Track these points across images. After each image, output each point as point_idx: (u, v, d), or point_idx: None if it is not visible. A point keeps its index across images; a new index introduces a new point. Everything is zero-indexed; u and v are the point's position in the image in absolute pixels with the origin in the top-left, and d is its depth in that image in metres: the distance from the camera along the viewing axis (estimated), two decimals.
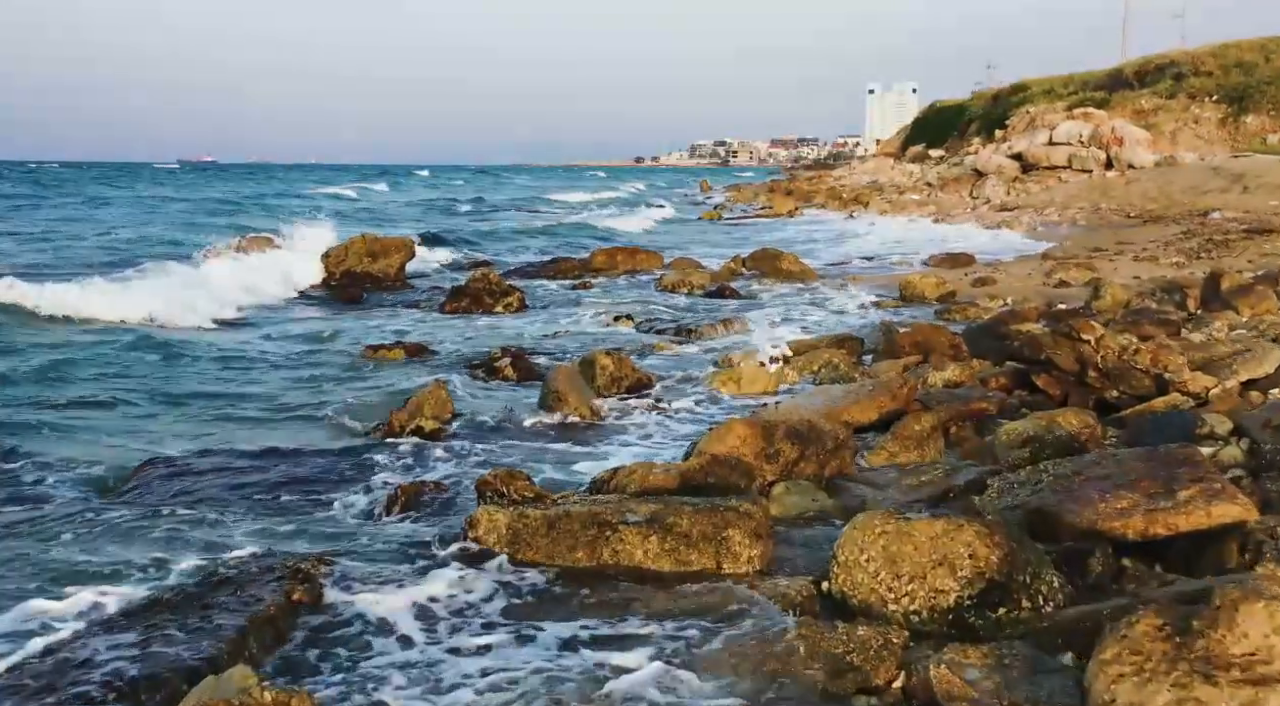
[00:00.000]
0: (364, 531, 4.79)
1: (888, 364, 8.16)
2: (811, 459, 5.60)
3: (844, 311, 12.31)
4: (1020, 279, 14.52)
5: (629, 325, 11.06)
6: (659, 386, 8.19)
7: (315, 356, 9.75)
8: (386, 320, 12.51)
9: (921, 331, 8.33)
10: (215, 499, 5.28)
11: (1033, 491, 4.85)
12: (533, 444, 6.48)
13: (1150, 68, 37.85)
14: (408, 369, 9.27)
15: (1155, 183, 28.36)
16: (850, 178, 51.74)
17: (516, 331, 11.34)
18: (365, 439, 6.62)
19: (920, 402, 6.80)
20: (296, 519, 4.97)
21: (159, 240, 22.03)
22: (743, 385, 7.88)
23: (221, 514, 4.99)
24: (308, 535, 4.75)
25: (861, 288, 14.53)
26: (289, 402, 7.67)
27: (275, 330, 11.22)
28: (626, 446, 6.48)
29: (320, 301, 14.26)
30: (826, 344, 9.14)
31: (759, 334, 10.62)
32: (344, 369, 9.26)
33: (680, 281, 14.30)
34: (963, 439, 6.58)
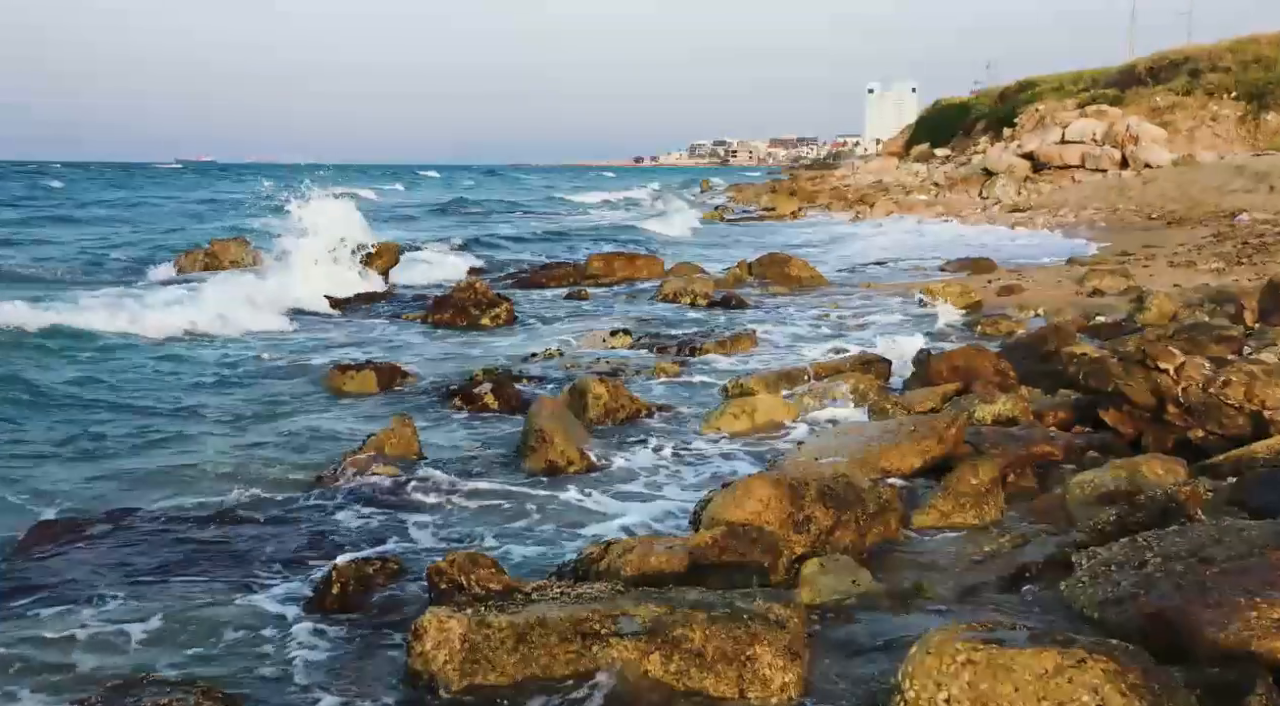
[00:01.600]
0: (277, 646, 3.70)
1: (923, 393, 7.09)
2: (849, 525, 4.54)
3: (867, 323, 11.23)
4: (1050, 287, 13.45)
5: (626, 342, 9.99)
6: (660, 418, 7.13)
7: (271, 378, 8.68)
8: (362, 332, 11.45)
9: (962, 354, 7.26)
10: (94, 586, 4.21)
11: (1141, 581, 3.78)
12: (509, 499, 5.41)
13: (1164, 64, 36.73)
14: (375, 396, 8.22)
15: (1174, 182, 27.26)
16: (854, 177, 50.64)
17: (502, 349, 10.28)
18: (309, 490, 5.54)
19: (970, 445, 5.74)
20: (190, 621, 3.89)
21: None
22: (758, 417, 6.82)
23: (98, 609, 3.93)
24: (199, 650, 3.67)
25: (881, 295, 13.46)
26: (226, 439, 6.59)
27: (233, 345, 10.11)
28: (623, 501, 5.41)
29: (293, 311, 13.17)
30: (851, 366, 8.08)
31: (771, 352, 9.55)
32: (302, 394, 8.20)
33: (682, 290, 13.24)
34: (1022, 488, 5.53)
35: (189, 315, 10.56)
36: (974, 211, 31.12)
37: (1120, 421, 6.04)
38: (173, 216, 31.95)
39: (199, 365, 8.67)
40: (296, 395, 8.17)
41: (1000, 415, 6.34)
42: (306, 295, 13.16)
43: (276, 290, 12.83)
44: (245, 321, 10.85)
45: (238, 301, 11.41)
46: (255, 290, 12.18)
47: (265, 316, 11.64)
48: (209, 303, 11.23)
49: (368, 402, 8.03)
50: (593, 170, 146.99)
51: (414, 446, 6.23)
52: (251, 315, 11.32)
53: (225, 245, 17.00)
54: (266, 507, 5.30)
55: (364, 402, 8.03)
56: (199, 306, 10.99)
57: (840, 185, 46.98)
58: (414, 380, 8.71)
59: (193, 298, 12.05)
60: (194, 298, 12.06)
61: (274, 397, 8.01)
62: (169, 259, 17.11)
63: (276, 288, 12.87)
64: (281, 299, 12.38)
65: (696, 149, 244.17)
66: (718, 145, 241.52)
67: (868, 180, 46.44)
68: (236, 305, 11.22)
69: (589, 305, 13.12)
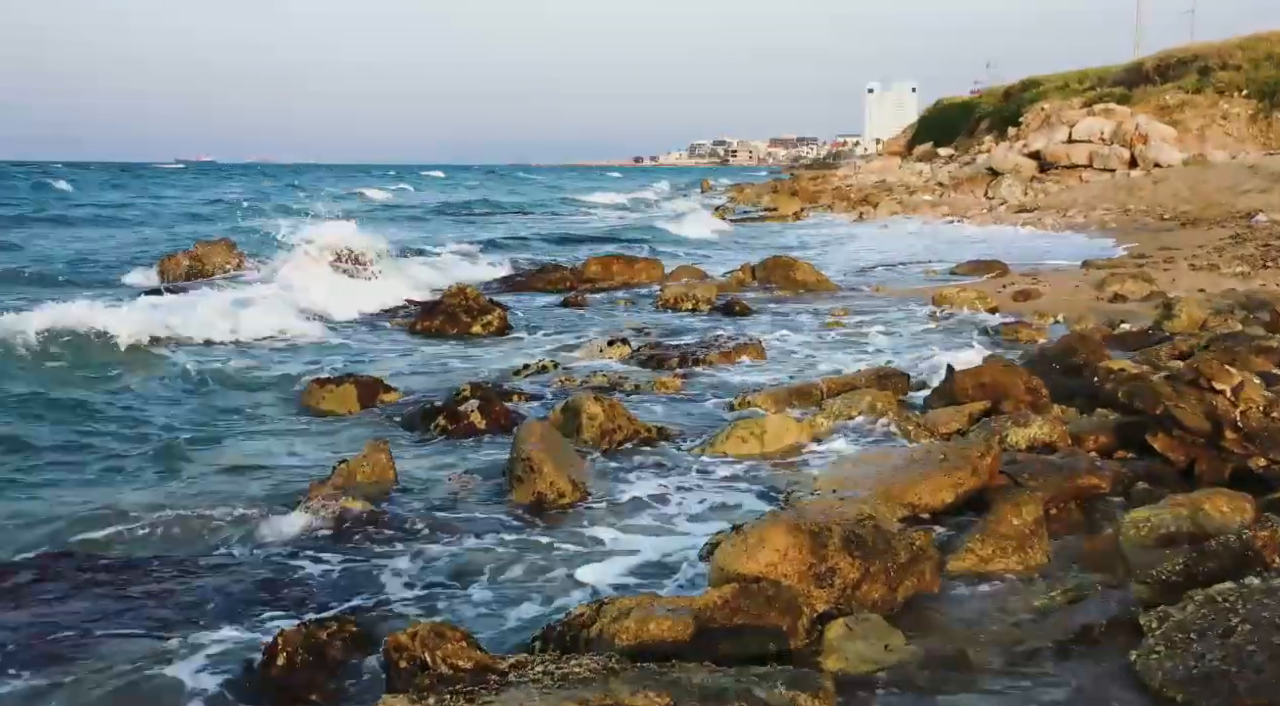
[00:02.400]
0: None
1: (948, 413, 6.50)
2: (878, 578, 3.95)
3: (879, 330, 10.64)
4: (1067, 292, 12.86)
5: (624, 353, 9.40)
6: (661, 440, 6.53)
7: (241, 391, 8.07)
8: (345, 340, 10.86)
9: (989, 370, 6.66)
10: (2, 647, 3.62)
11: (1230, 655, 3.20)
12: (493, 539, 4.81)
13: (1172, 62, 36.15)
14: (353, 414, 7.63)
15: (1186, 182, 26.69)
16: (856, 177, 50.04)
17: (493, 360, 9.69)
18: (268, 528, 4.94)
19: (1006, 475, 5.15)
20: (105, 699, 3.30)
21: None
22: (767, 440, 6.22)
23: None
24: None
25: (891, 300, 12.87)
26: (182, 465, 5.97)
27: (205, 355, 9.46)
28: (620, 540, 4.81)
29: (278, 318, 12.57)
30: (866, 380, 7.48)
31: (778, 363, 8.96)
32: (274, 411, 7.61)
33: (684, 295, 12.64)
34: (1064, 522, 4.94)
35: (159, 322, 9.92)
36: (980, 212, 30.54)
37: (1171, 448, 5.45)
38: (184, 218, 31.41)
39: (160, 378, 8.05)
40: (267, 412, 7.59)
41: (1035, 439, 5.75)
42: (295, 302, 12.59)
43: (262, 297, 12.23)
44: (221, 329, 10.22)
45: (214, 308, 10.78)
46: (231, 298, 11.56)
47: (247, 323, 11.02)
48: (183, 310, 10.61)
49: (344, 422, 7.44)
50: (595, 170, 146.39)
51: (389, 475, 5.65)
52: (229, 322, 10.70)
53: (210, 248, 16.40)
54: (218, 550, 4.71)
55: (340, 422, 7.44)
56: (171, 313, 10.36)
57: (842, 185, 46.39)
58: (397, 396, 8.11)
59: (168, 305, 11.48)
60: (170, 305, 11.49)
61: (242, 415, 7.42)
62: (149, 263, 16.49)
63: (262, 295, 12.26)
64: (266, 305, 11.75)
65: (696, 149, 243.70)
66: (717, 145, 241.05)
67: (870, 180, 45.85)
68: (212, 312, 10.59)
69: (585, 312, 12.53)
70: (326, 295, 12.62)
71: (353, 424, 7.50)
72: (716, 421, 7.01)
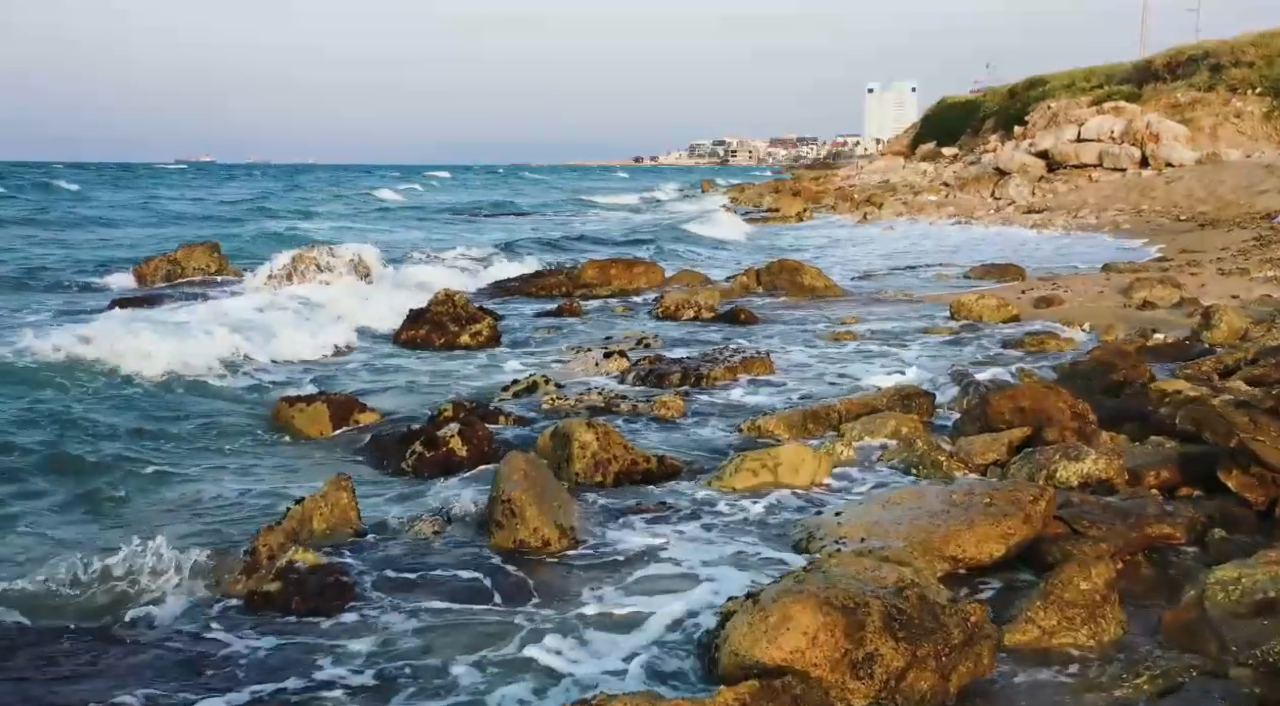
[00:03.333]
0: None
1: (983, 442, 5.79)
2: (927, 664, 3.24)
3: (894, 343, 9.92)
4: (1091, 298, 12.15)
5: (622, 367, 8.70)
6: (661, 471, 5.82)
7: (199, 412, 7.33)
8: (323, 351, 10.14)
9: (1029, 392, 5.95)
10: None
11: None
12: (460, 605, 4.10)
13: (1182, 59, 35.39)
14: (322, 438, 6.93)
15: (1200, 182, 25.97)
16: (859, 177, 49.34)
17: (480, 374, 8.99)
18: (201, 588, 4.23)
19: (1062, 521, 4.45)
20: None
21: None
22: (781, 473, 5.51)
23: None
24: None
25: (903, 307, 12.16)
26: (113, 503, 5.25)
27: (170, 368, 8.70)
28: (613, 604, 4.10)
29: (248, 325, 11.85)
30: (888, 401, 6.78)
31: (789, 380, 8.26)
32: (235, 433, 6.90)
33: (685, 302, 11.93)
34: (1134, 579, 4.24)
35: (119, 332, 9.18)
36: (987, 212, 29.85)
37: (1248, 487, 4.75)
38: (202, 220, 30.75)
39: (110, 398, 7.30)
40: (229, 436, 6.87)
41: (1089, 476, 5.04)
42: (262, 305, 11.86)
43: (235, 305, 11.51)
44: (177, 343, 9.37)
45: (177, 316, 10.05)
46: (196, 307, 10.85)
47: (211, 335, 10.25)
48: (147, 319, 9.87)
49: (313, 446, 6.75)
50: (597, 170, 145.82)
51: (351, 517, 4.94)
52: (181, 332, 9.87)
53: (190, 252, 15.71)
54: (138, 617, 4.00)
55: (309, 446, 6.75)
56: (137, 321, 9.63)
57: (845, 185, 45.71)
58: (373, 417, 7.41)
59: (138, 314, 10.77)
60: (140, 314, 10.78)
61: (200, 439, 6.70)
62: (125, 268, 15.79)
63: (234, 304, 11.54)
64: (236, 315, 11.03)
65: (696, 149, 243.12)
66: (717, 145, 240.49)
67: (874, 180, 45.16)
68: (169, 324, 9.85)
69: (581, 320, 11.81)
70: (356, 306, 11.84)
71: (322, 449, 6.81)
72: (724, 448, 6.32)
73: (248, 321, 10.11)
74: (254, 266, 15.29)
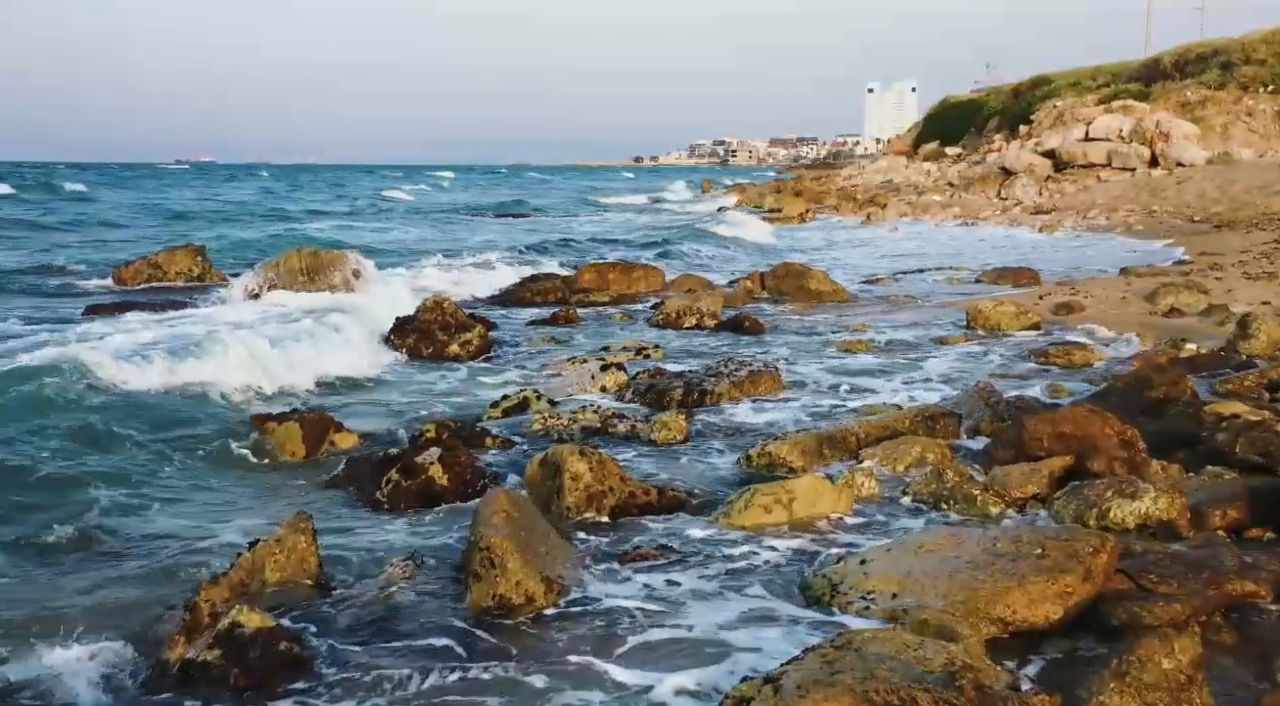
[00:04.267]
0: None
1: (1021, 473, 5.20)
2: None
3: (911, 355, 9.34)
4: (1113, 304, 11.57)
5: (619, 381, 8.12)
6: (662, 505, 5.24)
7: (160, 433, 6.70)
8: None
9: (1071, 417, 5.36)
10: None
11: None
12: (434, 674, 3.52)
13: (1191, 57, 34.81)
14: (290, 461, 6.36)
15: (1213, 182, 25.39)
16: (862, 177, 48.75)
17: (468, 389, 8.41)
18: (126, 657, 3.65)
19: (1125, 575, 3.87)
20: None
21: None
22: (796, 508, 4.93)
23: None
24: None
25: (916, 314, 11.58)
26: (33, 548, 4.67)
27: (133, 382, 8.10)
28: (606, 679, 3.51)
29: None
30: (910, 422, 6.19)
31: (799, 396, 7.67)
32: (196, 457, 6.31)
33: (686, 309, 11.34)
34: (1213, 647, 3.65)
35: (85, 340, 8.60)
36: (994, 213, 29.28)
37: None
38: (214, 219, 30.22)
39: (59, 418, 6.67)
40: (189, 461, 6.28)
41: (1148, 516, 4.46)
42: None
43: (208, 314, 10.93)
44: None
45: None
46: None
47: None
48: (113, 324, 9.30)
49: (281, 473, 6.17)
50: (599, 171, 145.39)
51: (310, 565, 4.35)
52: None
53: (172, 255, 15.14)
54: (51, 697, 3.41)
55: (276, 472, 6.17)
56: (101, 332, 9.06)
57: (848, 185, 45.15)
58: (351, 438, 6.83)
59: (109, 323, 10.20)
60: (111, 323, 10.22)
61: (156, 465, 6.10)
62: (105, 271, 15.22)
63: (209, 314, 10.97)
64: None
65: (696, 149, 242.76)
66: (717, 145, 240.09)
67: (876, 180, 44.59)
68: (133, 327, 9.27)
69: (576, 329, 11.21)
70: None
71: (292, 475, 6.23)
72: (731, 477, 5.74)
73: (217, 333, 9.51)
74: (248, 268, 14.67)
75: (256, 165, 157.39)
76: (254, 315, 10.35)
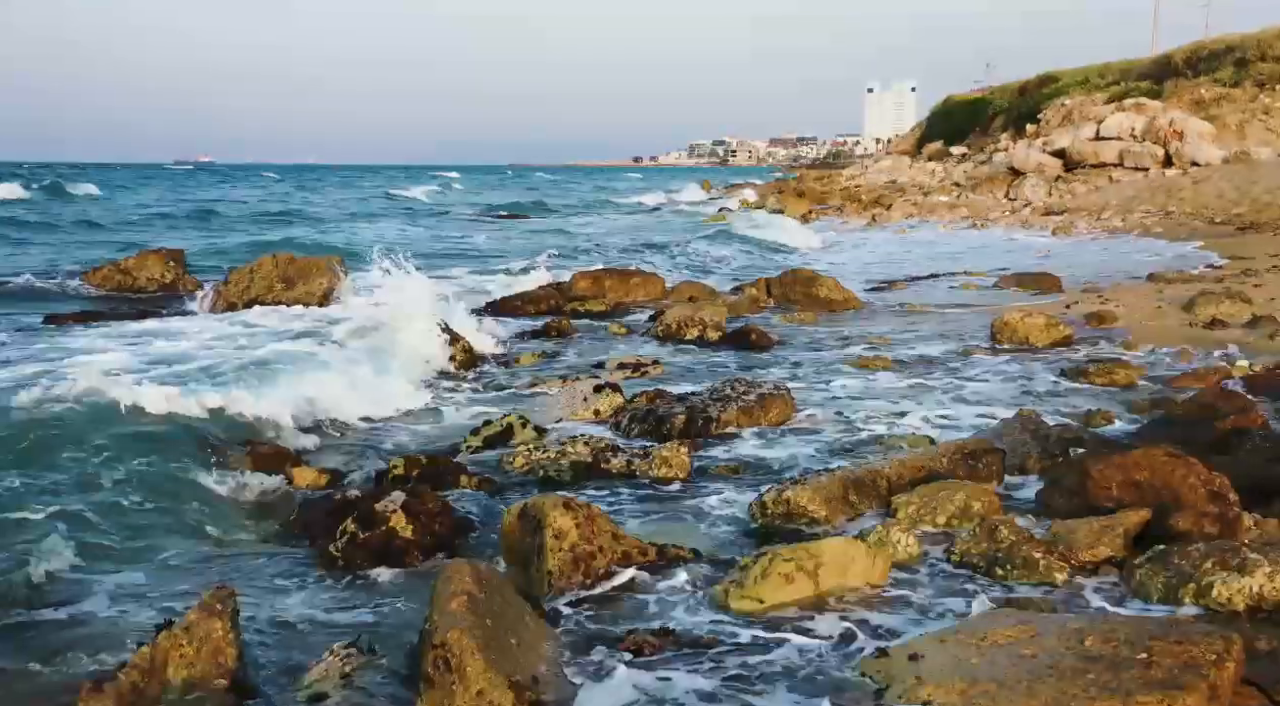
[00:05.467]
0: None
1: (1089, 530, 4.36)
2: None
3: (935, 373, 8.52)
4: (1148, 314, 10.74)
5: (614, 405, 7.29)
6: (662, 571, 4.41)
7: (80, 462, 5.86)
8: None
9: (1146, 462, 4.53)
10: None
11: None
12: None
13: (1204, 53, 33.97)
14: (247, 500, 5.55)
15: (1231, 182, 24.56)
16: (865, 177, 47.91)
17: (444, 415, 7.58)
18: None
19: (1254, 687, 3.04)
20: None
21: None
22: (824, 578, 4.10)
23: None
24: None
25: (933, 324, 10.75)
26: None
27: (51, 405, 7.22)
28: None
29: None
30: (948, 461, 5.36)
31: (817, 425, 6.84)
32: (125, 494, 5.46)
33: (688, 320, 10.50)
34: None
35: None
36: (1003, 214, 28.47)
37: None
38: (237, 222, 29.47)
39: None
40: (115, 499, 5.42)
41: (1260, 597, 3.63)
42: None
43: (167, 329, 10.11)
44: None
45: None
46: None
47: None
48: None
49: (222, 520, 5.33)
50: (607, 171, 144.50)
51: (226, 659, 3.51)
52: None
53: (143, 260, 14.28)
54: None
55: (215, 518, 5.33)
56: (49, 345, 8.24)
57: (851, 186, 44.33)
58: (312, 475, 6.02)
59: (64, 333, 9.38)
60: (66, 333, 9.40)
61: (69, 500, 5.26)
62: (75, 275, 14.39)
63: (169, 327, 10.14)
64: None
65: (696, 149, 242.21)
66: (717, 145, 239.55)
67: (880, 180, 43.78)
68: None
69: (569, 343, 10.36)
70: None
71: (237, 519, 5.41)
72: (742, 528, 4.92)
73: (174, 351, 8.69)
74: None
75: (255, 165, 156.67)
76: (209, 335, 9.45)
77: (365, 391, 7.82)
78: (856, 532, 4.62)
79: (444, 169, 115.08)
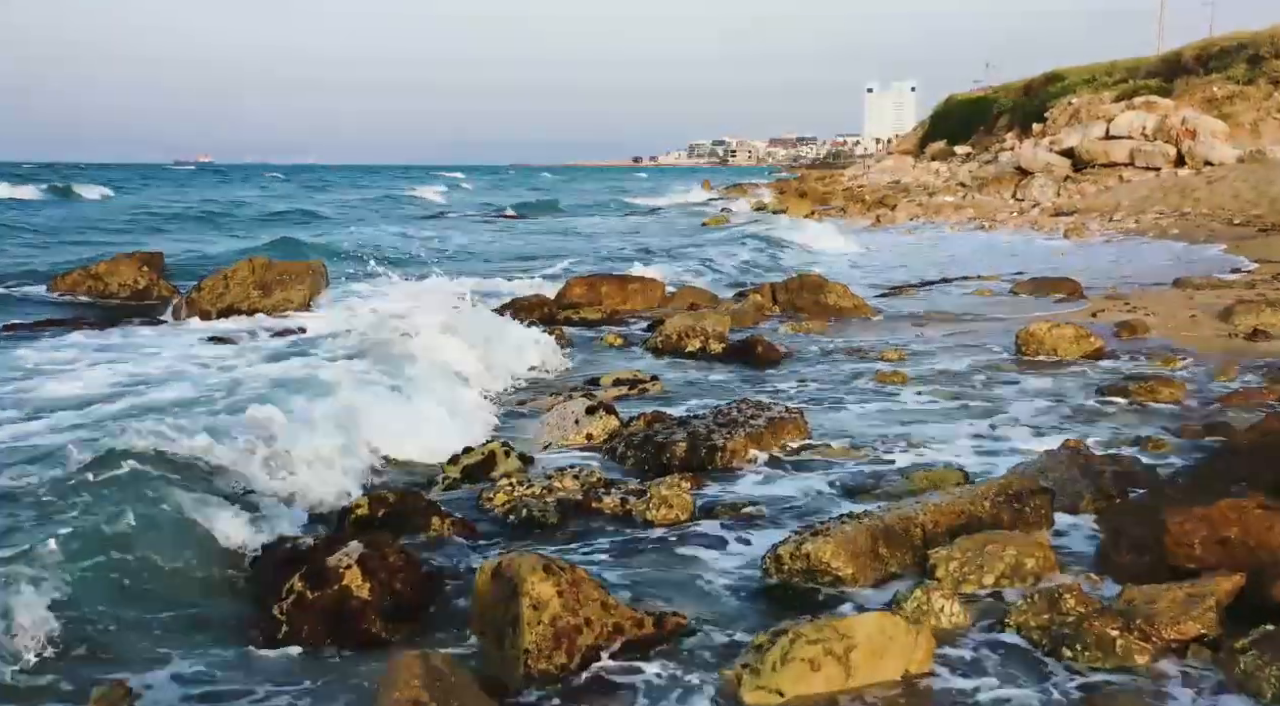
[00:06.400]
0: None
1: (1171, 601, 3.65)
2: None
3: (960, 390, 7.81)
4: (1181, 324, 10.04)
5: (608, 428, 6.59)
6: (659, 648, 3.70)
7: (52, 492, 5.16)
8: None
9: (1238, 515, 3.83)
10: None
11: None
12: None
13: (1214, 51, 33.26)
14: (162, 571, 4.81)
15: (1246, 182, 23.86)
16: (868, 177, 47.22)
17: (426, 436, 6.85)
18: None
19: None
20: None
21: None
22: (856, 666, 3.39)
23: None
24: None
25: (950, 335, 10.03)
26: None
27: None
28: None
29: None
30: (990, 504, 4.65)
31: (835, 455, 6.12)
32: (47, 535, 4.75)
33: (689, 330, 9.78)
34: None
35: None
36: (1011, 215, 27.77)
37: None
38: (254, 224, 28.81)
39: None
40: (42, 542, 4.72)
41: None
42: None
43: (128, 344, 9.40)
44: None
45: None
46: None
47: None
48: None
49: (162, 575, 4.61)
50: (611, 171, 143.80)
51: None
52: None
53: (114, 265, 13.55)
54: None
55: (156, 573, 4.61)
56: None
57: (854, 186, 43.65)
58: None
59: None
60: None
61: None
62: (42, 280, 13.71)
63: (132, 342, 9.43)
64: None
65: (695, 149, 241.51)
66: (717, 145, 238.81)
67: (884, 180, 43.08)
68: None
69: (562, 355, 9.66)
70: None
71: (174, 575, 4.69)
72: (755, 588, 4.22)
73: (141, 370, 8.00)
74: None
75: (256, 166, 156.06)
76: (175, 351, 8.74)
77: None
78: (891, 596, 3.92)
79: (446, 169, 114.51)
